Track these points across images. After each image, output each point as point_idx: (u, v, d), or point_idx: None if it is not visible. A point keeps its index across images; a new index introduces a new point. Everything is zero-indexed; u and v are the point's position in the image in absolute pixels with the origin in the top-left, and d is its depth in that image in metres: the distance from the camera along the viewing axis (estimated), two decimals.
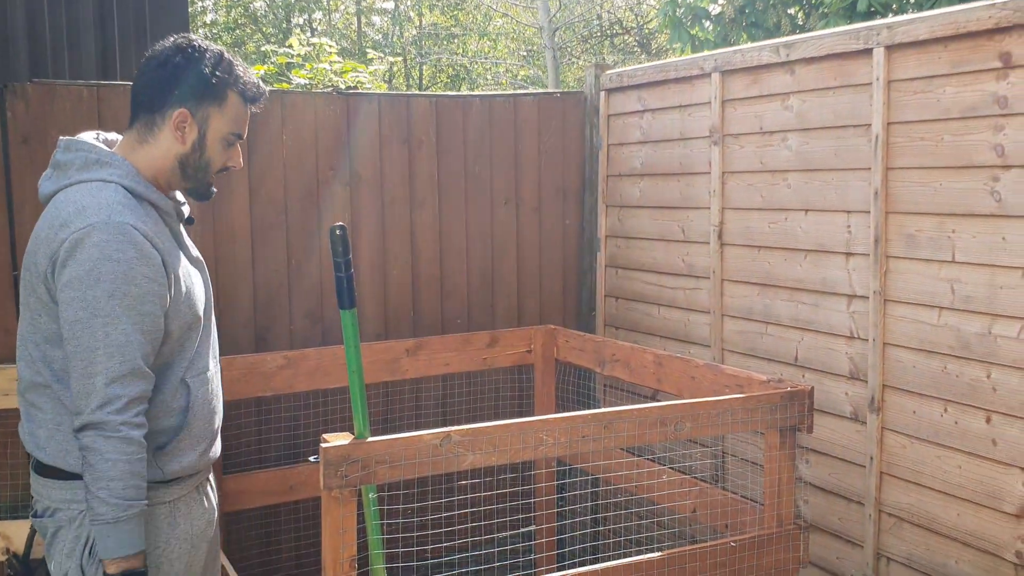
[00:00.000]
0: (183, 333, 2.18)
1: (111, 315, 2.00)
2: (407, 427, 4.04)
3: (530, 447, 2.43)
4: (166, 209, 2.20)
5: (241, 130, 2.26)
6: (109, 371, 2.00)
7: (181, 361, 2.20)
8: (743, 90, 3.65)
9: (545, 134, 4.45)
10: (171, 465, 2.19)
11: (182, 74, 2.17)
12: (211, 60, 2.19)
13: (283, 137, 3.88)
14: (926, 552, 2.99)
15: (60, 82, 3.51)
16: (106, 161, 2.13)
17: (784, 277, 3.49)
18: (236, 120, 2.24)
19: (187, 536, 2.25)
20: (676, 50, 9.54)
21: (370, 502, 2.46)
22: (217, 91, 2.19)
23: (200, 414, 2.24)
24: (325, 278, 3.97)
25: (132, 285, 2.02)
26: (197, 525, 2.28)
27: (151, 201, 2.16)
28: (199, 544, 2.29)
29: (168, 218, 2.22)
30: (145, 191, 2.15)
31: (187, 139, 2.19)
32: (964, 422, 2.87)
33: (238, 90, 2.22)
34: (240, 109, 2.24)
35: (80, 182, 2.10)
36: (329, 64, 4.57)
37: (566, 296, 4.57)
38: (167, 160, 2.20)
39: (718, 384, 3.14)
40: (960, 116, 2.84)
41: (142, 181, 2.15)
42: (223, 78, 2.19)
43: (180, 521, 2.23)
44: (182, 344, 2.19)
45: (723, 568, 2.70)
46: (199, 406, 2.23)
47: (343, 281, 2.31)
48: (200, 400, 2.24)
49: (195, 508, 2.28)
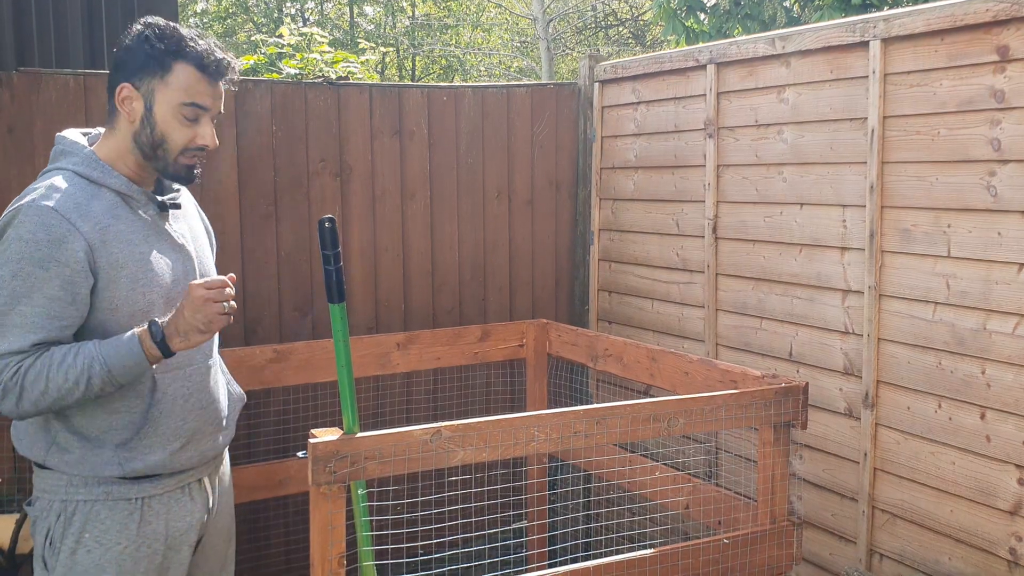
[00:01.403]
0: (141, 320, 2.12)
1: (12, 295, 2.02)
2: (397, 422, 4.01)
3: (521, 443, 2.40)
4: (129, 194, 2.16)
5: (197, 100, 2.14)
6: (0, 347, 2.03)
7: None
8: (738, 82, 3.62)
9: (538, 126, 4.41)
10: (133, 463, 2.15)
11: (128, 51, 2.15)
12: (155, 32, 2.13)
13: (273, 128, 3.83)
14: (919, 548, 2.98)
15: (46, 71, 3.46)
16: (68, 151, 2.16)
17: (779, 272, 3.47)
18: (187, 91, 2.13)
19: (160, 537, 2.19)
20: (671, 42, 9.52)
21: (359, 498, 2.43)
22: (158, 61, 2.12)
23: (170, 411, 2.18)
24: (315, 271, 3.94)
25: (37, 267, 2.01)
26: (176, 527, 2.22)
27: (108, 186, 2.13)
28: (179, 547, 2.24)
29: (134, 203, 2.17)
30: (100, 176, 2.13)
31: (134, 115, 2.15)
32: (958, 418, 2.85)
33: (187, 60, 2.13)
34: (191, 79, 2.13)
35: (45, 172, 2.16)
36: (320, 54, 4.53)
37: (559, 290, 4.55)
38: (126, 142, 2.17)
39: (712, 379, 3.12)
40: (956, 110, 2.82)
41: (99, 167, 2.14)
42: (163, 47, 2.12)
43: (151, 519, 2.18)
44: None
45: (716, 565, 2.69)
46: (169, 403, 2.18)
47: (332, 274, 2.27)
48: (171, 396, 2.18)
49: (175, 508, 2.23)
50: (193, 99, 2.14)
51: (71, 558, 2.13)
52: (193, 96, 2.14)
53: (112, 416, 2.13)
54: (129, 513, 2.15)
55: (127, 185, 2.15)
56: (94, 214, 2.08)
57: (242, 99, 3.75)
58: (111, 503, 2.14)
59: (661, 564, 2.61)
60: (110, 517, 2.14)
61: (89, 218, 2.07)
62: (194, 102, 2.14)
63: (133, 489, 2.16)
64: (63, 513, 2.14)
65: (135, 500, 2.16)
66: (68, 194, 2.07)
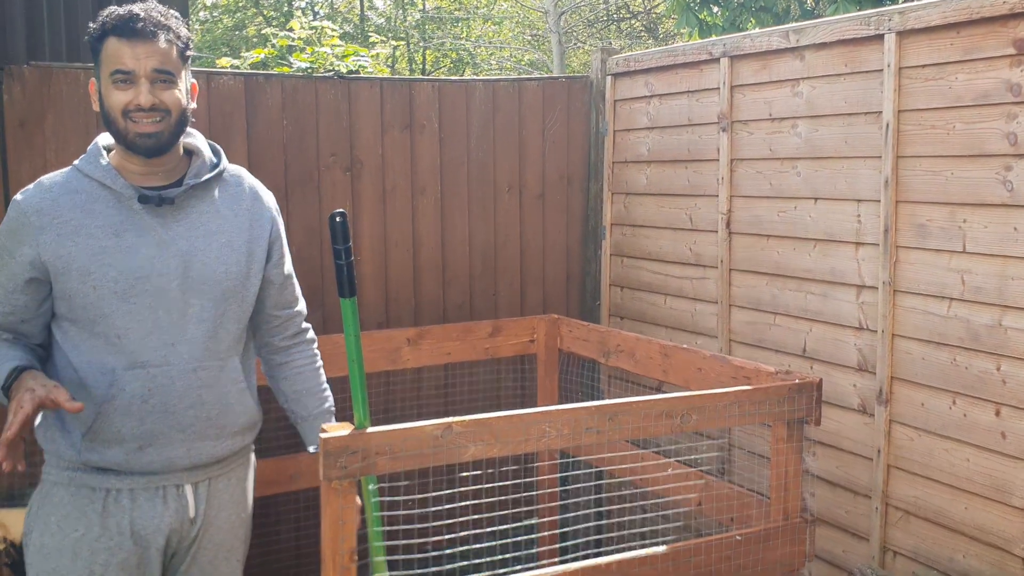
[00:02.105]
0: (94, 318, 2.13)
1: None
2: (408, 417, 4.00)
3: (533, 439, 2.39)
4: (116, 189, 2.17)
5: (119, 66, 2.12)
6: None
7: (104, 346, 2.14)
8: (752, 76, 3.59)
9: (550, 120, 4.39)
10: (91, 454, 2.15)
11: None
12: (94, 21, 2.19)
13: (283, 122, 3.83)
14: (933, 546, 2.96)
15: (57, 65, 3.46)
16: (87, 148, 2.26)
17: (792, 267, 3.45)
18: (112, 59, 2.13)
19: (124, 531, 2.17)
20: (684, 35, 9.47)
21: (370, 493, 2.43)
22: (94, 47, 2.18)
23: (126, 410, 2.14)
24: (325, 265, 3.93)
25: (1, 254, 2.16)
26: (144, 525, 2.19)
27: (96, 179, 2.18)
28: (145, 545, 2.20)
29: (122, 198, 2.18)
30: (92, 171, 2.19)
31: (96, 104, 2.21)
32: (973, 415, 2.83)
33: (112, 32, 2.13)
34: (116, 47, 2.13)
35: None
36: (331, 48, 4.52)
37: (570, 285, 4.53)
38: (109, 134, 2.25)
39: (725, 376, 3.10)
40: (972, 104, 2.79)
41: (94, 162, 2.20)
42: (96, 33, 2.17)
43: (114, 512, 2.17)
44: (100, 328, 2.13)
45: (728, 562, 2.67)
46: (125, 400, 2.13)
47: (343, 269, 2.27)
48: (128, 395, 2.14)
49: (144, 506, 2.19)
50: (116, 66, 2.13)
51: (40, 539, 2.18)
52: (116, 63, 2.13)
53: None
54: (90, 502, 2.16)
55: (113, 179, 2.18)
56: (59, 209, 2.15)
57: (252, 93, 3.75)
58: (73, 489, 2.17)
59: (673, 561, 2.59)
60: (71, 503, 2.16)
61: (49, 212, 2.14)
62: (118, 68, 2.13)
63: (96, 479, 2.17)
64: (40, 493, 2.22)
65: (98, 490, 2.17)
66: (44, 189, 2.18)
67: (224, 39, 20.90)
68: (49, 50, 3.82)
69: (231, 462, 2.36)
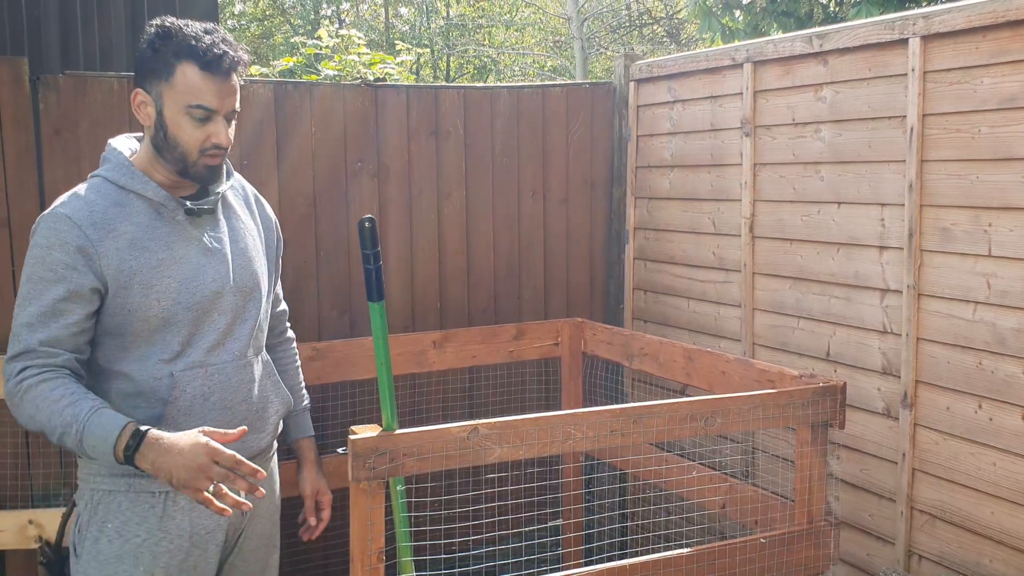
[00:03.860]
0: (156, 327, 2.15)
1: (25, 297, 2.10)
2: (434, 420, 4.04)
3: (558, 441, 2.41)
4: (157, 199, 2.18)
5: (204, 101, 2.11)
6: (9, 351, 2.11)
7: (161, 354, 2.17)
8: (775, 81, 3.60)
9: (573, 125, 4.42)
10: None
11: (138, 55, 2.17)
12: (157, 33, 2.13)
13: (312, 129, 3.88)
14: (959, 550, 2.95)
15: (91, 74, 3.53)
16: (108, 158, 2.22)
17: (816, 271, 3.45)
18: (194, 92, 2.10)
19: (184, 532, 2.20)
20: (706, 40, 9.47)
21: (398, 494, 2.46)
22: (161, 64, 2.11)
23: (189, 410, 2.18)
24: (353, 270, 3.98)
25: (46, 270, 2.08)
26: (202, 524, 2.22)
27: (136, 191, 2.16)
28: (204, 545, 2.23)
29: (163, 210, 2.19)
30: (128, 182, 2.16)
31: (149, 120, 2.16)
32: (999, 419, 2.82)
33: (191, 59, 2.10)
34: (198, 80, 2.09)
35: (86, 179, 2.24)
36: (358, 56, 4.57)
37: (593, 289, 4.55)
38: (149, 146, 2.20)
39: (749, 379, 3.11)
40: (998, 107, 2.79)
41: (129, 173, 2.17)
42: (169, 50, 2.10)
43: (175, 514, 2.19)
44: (160, 336, 2.16)
45: (752, 564, 2.68)
46: (187, 401, 2.18)
47: (372, 273, 2.30)
48: (189, 395, 2.18)
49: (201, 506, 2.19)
50: (199, 100, 2.11)
51: (95, 547, 2.16)
52: (198, 97, 2.11)
53: (134, 411, 2.15)
54: (150, 506, 2.16)
55: (155, 191, 2.17)
56: (110, 220, 2.12)
57: (281, 101, 3.80)
58: (133, 495, 2.16)
59: (697, 563, 2.61)
60: (131, 509, 2.15)
61: (102, 225, 2.10)
62: (200, 104, 2.12)
63: (156, 483, 2.15)
64: (91, 502, 2.18)
65: (158, 494, 2.17)
66: (87, 201, 2.12)
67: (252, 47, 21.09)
68: (83, 59, 3.90)
69: (268, 451, 2.46)
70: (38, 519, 3.33)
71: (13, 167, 3.40)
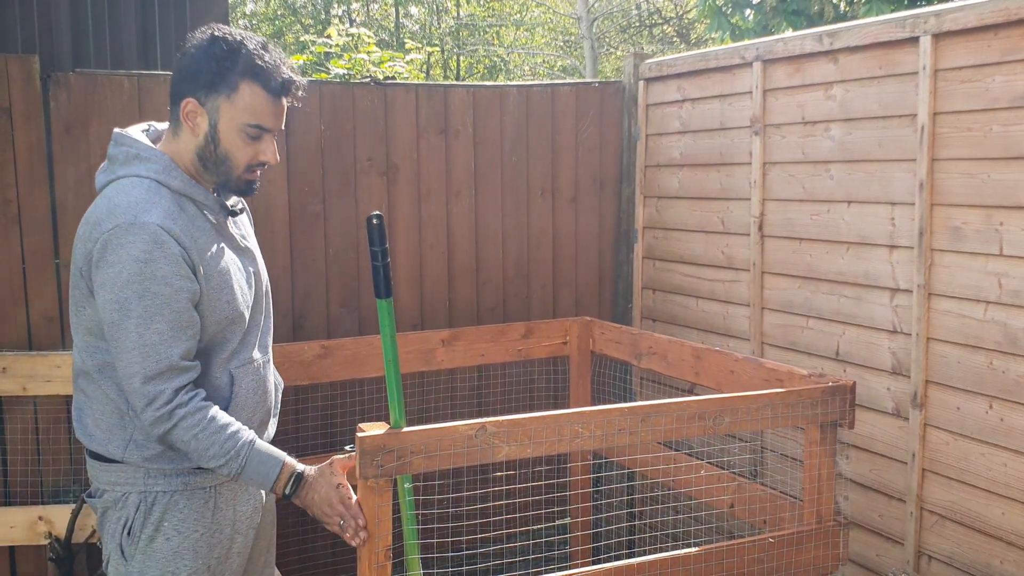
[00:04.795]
0: (223, 327, 2.19)
1: (143, 315, 2.04)
2: (442, 418, 4.04)
3: (566, 439, 2.41)
4: (205, 202, 2.18)
5: (262, 121, 2.14)
6: (146, 370, 2.05)
7: (222, 352, 2.21)
8: (785, 79, 3.59)
9: (583, 124, 4.42)
10: None
11: (195, 63, 2.12)
12: (224, 48, 2.11)
13: (321, 127, 3.89)
14: (969, 551, 2.94)
15: (102, 72, 3.55)
16: (145, 156, 2.14)
17: (826, 270, 3.44)
18: (254, 111, 2.12)
19: (229, 522, 2.27)
20: (716, 39, 9.44)
21: (406, 492, 2.46)
22: (226, 80, 2.10)
23: (245, 404, 2.25)
24: (362, 268, 3.99)
25: (161, 284, 2.04)
26: (242, 511, 2.30)
27: (187, 195, 2.15)
28: (245, 531, 2.31)
29: (209, 211, 2.20)
30: (180, 185, 2.14)
31: (198, 130, 2.15)
32: (1010, 419, 2.80)
33: (256, 80, 2.11)
34: (259, 100, 2.12)
35: (120, 177, 2.14)
36: (367, 54, 4.58)
37: (602, 288, 4.55)
38: (189, 154, 2.17)
39: (757, 378, 3.10)
40: (1010, 106, 2.77)
41: (178, 175, 2.14)
42: (234, 67, 2.10)
43: (222, 506, 2.25)
44: (224, 336, 2.20)
45: (761, 564, 2.67)
46: (243, 396, 2.25)
47: (380, 270, 2.30)
48: (245, 390, 2.25)
49: (240, 494, 2.29)
50: (258, 120, 2.14)
51: (149, 546, 2.19)
52: (258, 117, 2.14)
53: None
54: (204, 501, 2.22)
55: (203, 193, 2.18)
56: (186, 227, 2.11)
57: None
58: (189, 493, 2.20)
59: (705, 562, 2.60)
60: (188, 506, 2.20)
61: (185, 232, 2.10)
62: (259, 123, 2.14)
63: (207, 478, 2.22)
64: (142, 503, 2.18)
65: (209, 489, 2.23)
66: (164, 209, 2.08)
67: None
68: (94, 58, 3.91)
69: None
70: (48, 515, 3.35)
71: (24, 164, 3.41)
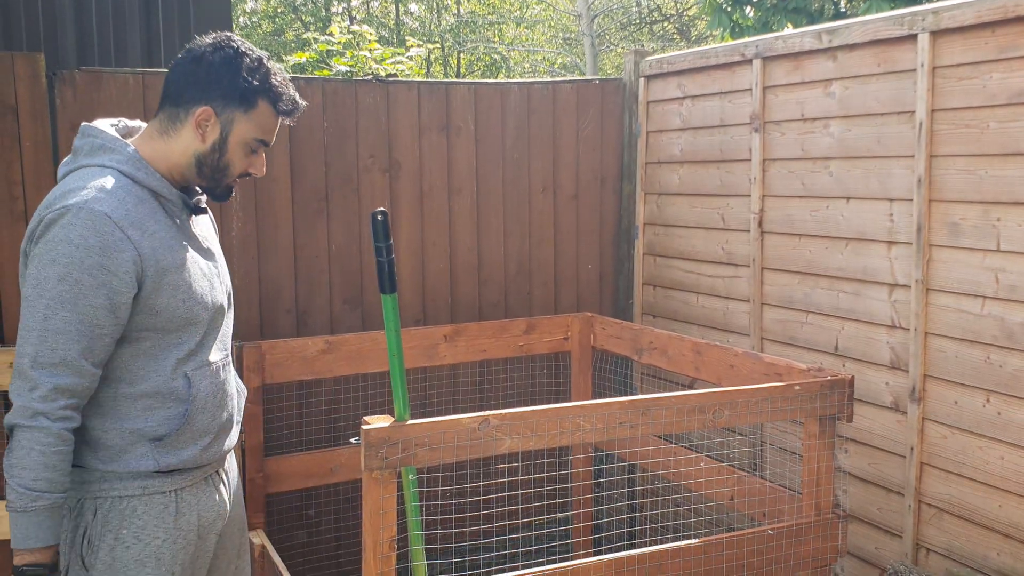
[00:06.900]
0: (178, 326, 2.14)
1: (56, 299, 1.97)
2: (444, 413, 4.07)
3: (567, 432, 2.44)
4: (169, 198, 2.16)
5: (267, 138, 2.21)
6: (39, 355, 1.97)
7: (178, 353, 2.16)
8: (784, 76, 3.62)
9: (584, 121, 4.44)
10: (168, 458, 2.15)
11: (214, 73, 2.13)
12: (247, 64, 2.14)
13: (324, 124, 3.91)
14: (967, 543, 2.97)
15: (107, 70, 3.57)
16: (110, 147, 2.12)
17: (825, 265, 3.47)
18: (262, 128, 2.19)
19: (193, 526, 2.21)
20: (716, 36, 9.46)
21: (410, 484, 2.49)
22: (246, 96, 2.14)
23: (204, 407, 2.20)
24: (365, 265, 4.01)
25: (85, 274, 1.97)
26: (206, 516, 2.25)
27: (150, 188, 2.13)
28: (206, 535, 2.25)
29: (172, 208, 2.18)
30: (144, 177, 2.11)
31: (207, 138, 2.15)
32: (1007, 413, 2.83)
33: (270, 99, 2.17)
34: (269, 118, 2.19)
35: (83, 167, 2.11)
36: (369, 51, 4.60)
37: (603, 284, 4.57)
38: (184, 156, 2.17)
39: (757, 373, 3.13)
40: (1007, 103, 2.80)
41: (144, 167, 2.12)
42: (256, 85, 2.14)
43: (185, 511, 2.20)
44: (180, 338, 2.16)
45: (760, 556, 2.70)
46: (202, 399, 2.19)
47: (384, 266, 2.33)
48: (203, 393, 2.20)
49: (204, 498, 2.24)
50: (264, 136, 2.21)
51: (111, 555, 2.12)
52: (264, 133, 2.21)
53: (148, 413, 2.14)
54: (165, 506, 2.16)
55: (168, 189, 2.16)
56: (141, 219, 2.08)
57: None
58: (147, 498, 2.14)
59: (706, 554, 2.63)
60: (147, 512, 2.14)
61: (138, 225, 2.06)
62: (263, 139, 2.22)
63: (167, 482, 2.16)
64: (99, 510, 2.13)
65: (170, 493, 2.17)
66: (119, 199, 2.05)
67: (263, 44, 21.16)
68: (98, 56, 3.94)
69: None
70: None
71: (30, 161, 3.44)
